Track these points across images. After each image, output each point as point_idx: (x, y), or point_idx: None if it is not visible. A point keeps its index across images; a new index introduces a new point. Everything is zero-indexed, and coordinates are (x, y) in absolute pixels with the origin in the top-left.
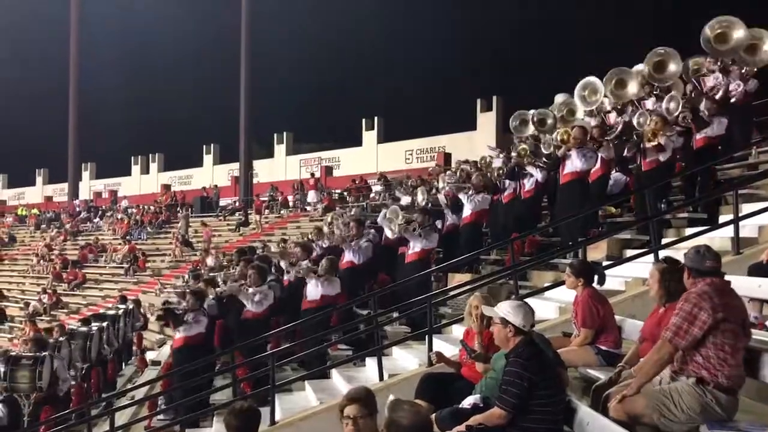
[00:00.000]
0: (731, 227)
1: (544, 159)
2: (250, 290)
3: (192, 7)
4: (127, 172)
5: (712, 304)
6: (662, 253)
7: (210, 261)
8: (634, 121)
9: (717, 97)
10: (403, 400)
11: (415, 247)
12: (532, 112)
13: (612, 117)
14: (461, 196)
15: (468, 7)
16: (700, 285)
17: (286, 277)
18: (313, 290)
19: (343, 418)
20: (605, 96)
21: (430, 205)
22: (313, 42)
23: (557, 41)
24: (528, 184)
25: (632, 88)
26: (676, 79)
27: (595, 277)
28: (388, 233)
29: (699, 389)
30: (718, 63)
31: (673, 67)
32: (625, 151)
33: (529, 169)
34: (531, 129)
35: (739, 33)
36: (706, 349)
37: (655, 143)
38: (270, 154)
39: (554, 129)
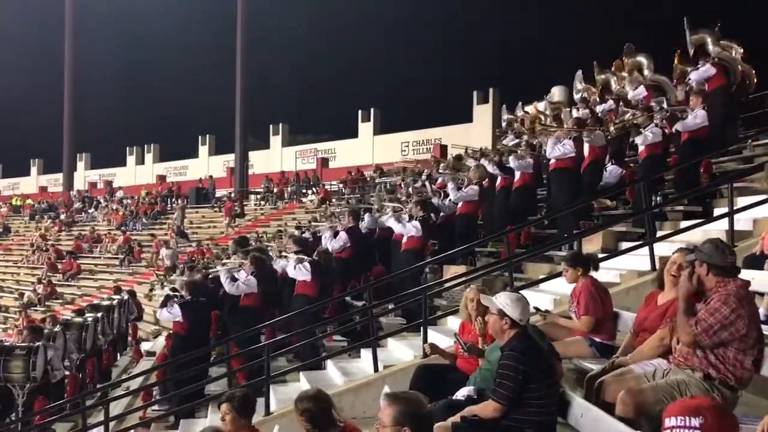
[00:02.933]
0: (726, 220)
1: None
2: (241, 273)
3: None
4: (122, 163)
5: (750, 313)
6: (657, 246)
7: (165, 253)
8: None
9: (695, 89)
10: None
11: (404, 235)
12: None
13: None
14: (450, 184)
15: (466, 1)
16: (734, 287)
17: (277, 267)
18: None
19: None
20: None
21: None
22: (310, 34)
23: (554, 34)
24: (517, 175)
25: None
26: (670, 85)
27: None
28: (364, 222)
29: (706, 384)
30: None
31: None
32: (627, 148)
33: (510, 159)
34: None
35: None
36: (725, 350)
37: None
38: (266, 145)
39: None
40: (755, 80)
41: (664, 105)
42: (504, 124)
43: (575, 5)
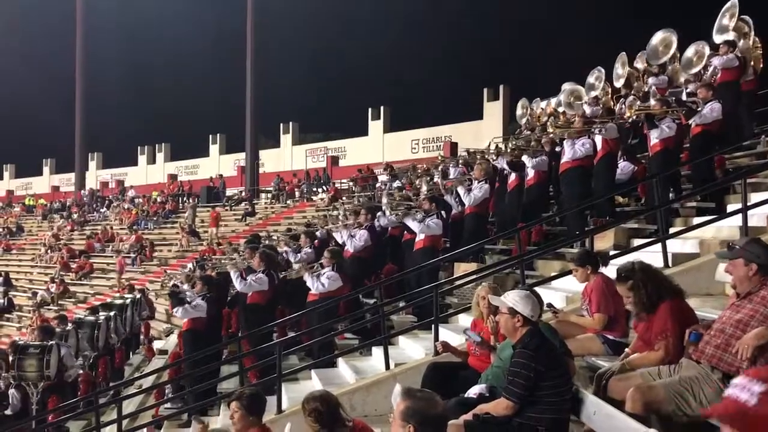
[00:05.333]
0: (739, 216)
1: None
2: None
3: None
4: (134, 162)
5: None
6: (670, 243)
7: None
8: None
9: (713, 81)
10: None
11: (419, 234)
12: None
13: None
14: (459, 190)
15: None
16: None
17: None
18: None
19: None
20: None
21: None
22: (319, 32)
23: (563, 31)
24: (530, 173)
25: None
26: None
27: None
28: (383, 220)
29: (720, 384)
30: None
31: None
32: (630, 138)
33: (524, 158)
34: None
35: None
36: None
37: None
38: (276, 144)
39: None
40: (760, 65)
41: (683, 97)
42: (520, 112)
43: (584, 3)
